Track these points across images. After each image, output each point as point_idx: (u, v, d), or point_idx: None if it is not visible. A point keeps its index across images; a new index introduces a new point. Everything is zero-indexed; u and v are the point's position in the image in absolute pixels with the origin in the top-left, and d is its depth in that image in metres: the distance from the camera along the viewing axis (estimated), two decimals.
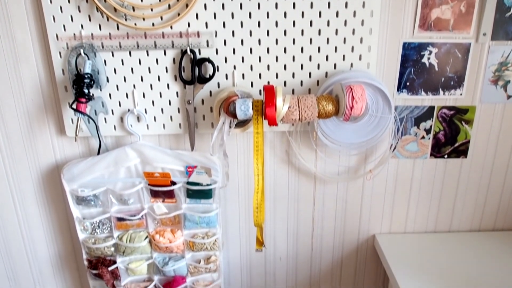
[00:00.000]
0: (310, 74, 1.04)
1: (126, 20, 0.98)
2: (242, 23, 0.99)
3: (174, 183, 1.10)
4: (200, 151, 1.12)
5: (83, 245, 1.16)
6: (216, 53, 1.02)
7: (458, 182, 1.19)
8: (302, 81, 1.05)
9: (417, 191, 1.20)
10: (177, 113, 1.08)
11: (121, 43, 1.00)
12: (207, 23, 0.99)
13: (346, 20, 0.99)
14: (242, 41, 1.01)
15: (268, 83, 1.05)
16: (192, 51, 1.00)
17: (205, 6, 0.97)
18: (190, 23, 0.99)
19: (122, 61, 1.02)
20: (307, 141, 1.12)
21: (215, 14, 0.98)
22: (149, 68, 1.03)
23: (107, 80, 1.04)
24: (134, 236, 1.15)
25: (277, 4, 0.97)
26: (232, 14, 0.98)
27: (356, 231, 1.25)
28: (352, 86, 0.93)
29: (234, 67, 1.03)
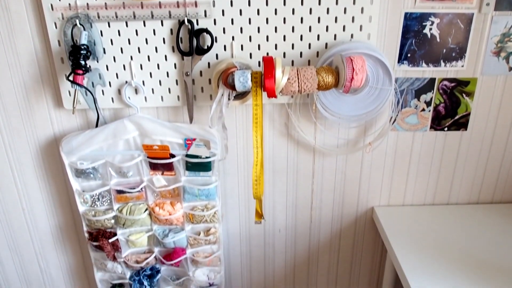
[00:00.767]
0: (309, 45, 1.03)
1: None
2: None
3: (173, 155, 1.10)
4: (198, 123, 1.11)
5: (83, 217, 1.17)
6: (214, 23, 1.00)
7: (457, 155, 1.19)
8: (301, 52, 1.03)
9: (416, 163, 1.20)
10: (175, 85, 1.07)
11: (117, 13, 0.98)
12: None
13: None
14: (241, 11, 0.99)
15: (267, 54, 1.04)
16: (189, 22, 0.98)
17: None
18: None
19: (119, 32, 1.01)
20: (306, 113, 1.12)
21: None
22: (146, 39, 1.02)
23: (104, 52, 1.03)
24: (134, 208, 1.16)
25: None
26: None
27: (355, 204, 1.26)
28: (352, 58, 0.92)
29: (233, 38, 1.02)
